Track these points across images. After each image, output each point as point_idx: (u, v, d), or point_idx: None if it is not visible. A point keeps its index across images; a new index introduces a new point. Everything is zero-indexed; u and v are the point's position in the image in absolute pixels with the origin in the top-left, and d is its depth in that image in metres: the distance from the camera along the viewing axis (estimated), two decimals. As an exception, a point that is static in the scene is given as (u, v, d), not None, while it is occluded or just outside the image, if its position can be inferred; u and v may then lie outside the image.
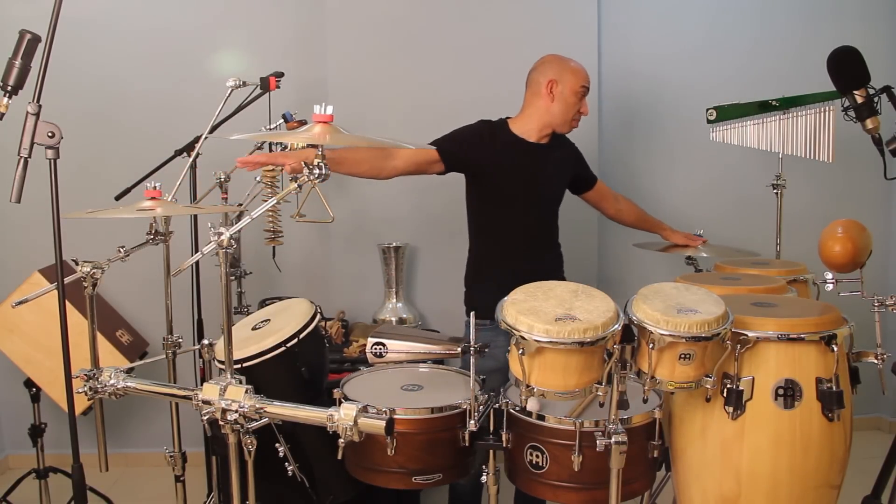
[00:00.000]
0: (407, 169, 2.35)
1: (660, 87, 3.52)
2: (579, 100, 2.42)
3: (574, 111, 2.42)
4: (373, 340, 1.87)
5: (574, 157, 2.63)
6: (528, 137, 2.44)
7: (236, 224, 1.55)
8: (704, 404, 1.67)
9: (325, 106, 1.61)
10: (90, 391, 1.63)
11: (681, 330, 1.50)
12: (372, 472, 1.83)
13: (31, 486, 2.75)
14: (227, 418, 1.51)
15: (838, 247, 2.04)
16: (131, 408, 3.46)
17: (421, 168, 2.37)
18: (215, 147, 2.56)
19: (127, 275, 2.98)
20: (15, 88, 1.57)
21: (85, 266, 1.90)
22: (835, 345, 1.60)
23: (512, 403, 1.80)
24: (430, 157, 2.36)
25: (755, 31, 3.51)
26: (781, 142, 2.69)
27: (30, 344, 2.71)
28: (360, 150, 2.27)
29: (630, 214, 2.83)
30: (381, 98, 3.35)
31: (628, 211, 2.82)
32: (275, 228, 2.92)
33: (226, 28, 3.39)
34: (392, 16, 3.35)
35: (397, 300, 3.30)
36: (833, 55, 2.18)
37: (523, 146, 2.43)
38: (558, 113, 2.41)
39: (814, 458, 1.62)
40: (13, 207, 1.63)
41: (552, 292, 1.66)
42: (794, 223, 2.97)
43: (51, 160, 1.58)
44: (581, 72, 2.43)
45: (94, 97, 3.32)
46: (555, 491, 1.74)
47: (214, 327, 2.45)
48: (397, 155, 2.31)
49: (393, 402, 1.81)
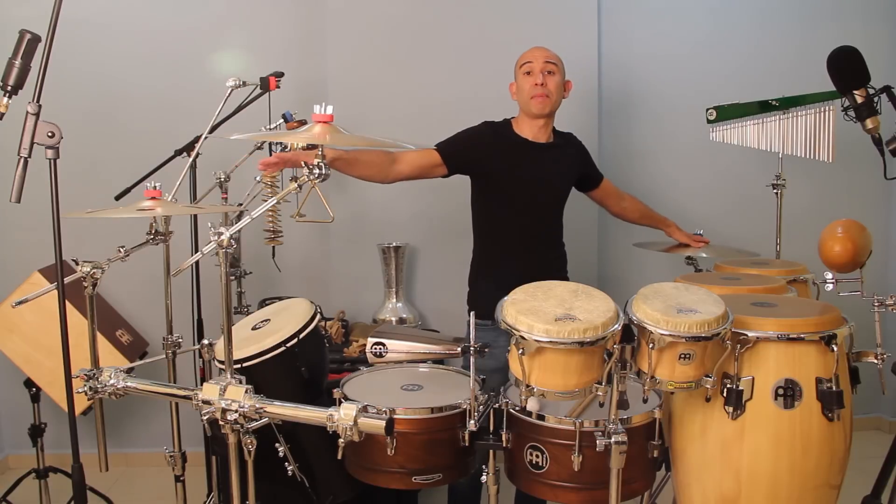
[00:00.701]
0: (411, 173, 2.35)
1: (660, 87, 3.52)
2: (526, 76, 2.41)
3: (526, 88, 2.40)
4: (373, 340, 1.87)
5: (581, 155, 2.63)
6: (530, 137, 2.44)
7: (236, 224, 1.55)
8: (704, 404, 1.67)
9: (325, 106, 1.61)
10: (90, 391, 1.63)
11: (681, 330, 1.50)
12: (372, 472, 1.83)
13: (31, 486, 2.75)
14: (227, 418, 1.51)
15: (838, 247, 2.04)
16: (131, 408, 3.46)
17: (424, 171, 2.38)
18: (215, 147, 2.56)
19: (127, 275, 2.98)
20: (15, 88, 1.57)
21: (85, 266, 1.90)
22: (835, 345, 1.60)
23: (512, 403, 1.80)
24: (433, 161, 2.37)
25: (755, 31, 3.51)
26: (781, 142, 2.70)
27: (30, 344, 2.71)
28: (371, 153, 2.26)
29: (634, 212, 2.82)
30: (381, 98, 3.35)
31: (633, 208, 2.81)
32: (275, 228, 2.92)
33: (226, 28, 3.38)
34: (392, 16, 3.35)
35: (397, 300, 3.30)
36: (833, 55, 2.18)
37: (527, 146, 2.43)
38: (521, 101, 2.44)
39: (814, 458, 1.62)
40: (13, 207, 1.63)
41: (552, 292, 1.66)
42: (794, 223, 2.97)
43: (51, 160, 1.58)
44: (523, 53, 2.45)
45: (93, 97, 3.32)
46: (555, 491, 1.73)
47: (214, 327, 2.45)
48: (402, 159, 2.32)
49: (393, 402, 1.81)
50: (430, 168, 2.38)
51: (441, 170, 2.39)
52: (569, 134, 2.62)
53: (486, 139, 2.40)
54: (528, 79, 2.41)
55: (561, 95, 2.46)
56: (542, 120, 2.44)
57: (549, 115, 2.45)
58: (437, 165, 2.37)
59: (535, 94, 2.39)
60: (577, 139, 2.63)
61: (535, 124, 2.44)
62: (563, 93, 2.48)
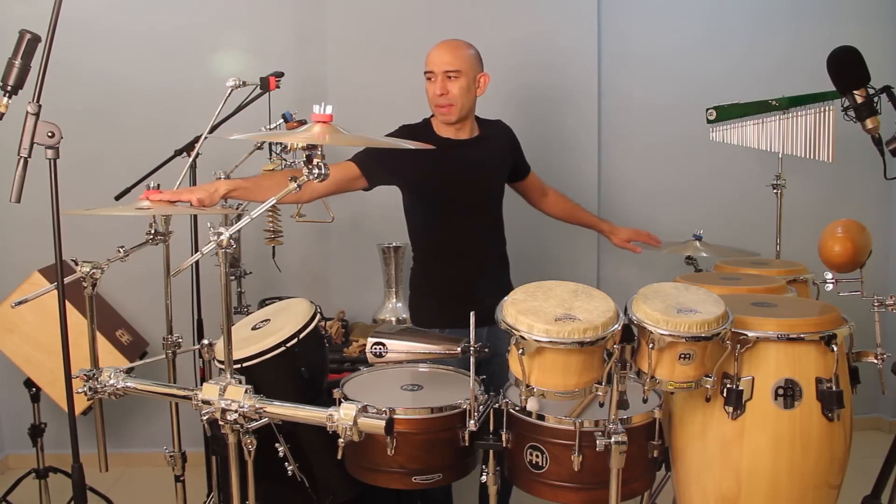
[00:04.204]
0: (327, 189, 2.25)
1: (659, 86, 3.51)
2: (428, 83, 2.31)
3: (428, 96, 2.32)
4: (373, 340, 1.87)
5: (509, 142, 2.51)
6: (448, 135, 2.36)
7: (236, 224, 1.55)
8: (704, 404, 1.67)
9: (324, 106, 1.61)
10: (90, 391, 1.63)
11: (681, 330, 1.50)
12: (372, 472, 1.83)
13: (31, 486, 2.75)
14: (226, 418, 1.51)
15: (838, 247, 2.04)
16: (131, 408, 3.46)
17: (343, 186, 2.28)
18: (215, 147, 2.56)
19: (127, 275, 2.98)
20: (15, 88, 1.57)
21: (85, 266, 1.90)
22: (835, 345, 1.60)
23: (512, 403, 1.80)
24: (351, 174, 2.27)
25: (755, 31, 3.51)
26: (781, 142, 2.69)
27: (30, 344, 2.71)
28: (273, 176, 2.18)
29: (558, 208, 2.71)
30: (381, 98, 3.34)
31: (556, 205, 2.71)
32: (275, 228, 2.92)
33: (226, 28, 3.38)
34: (392, 16, 3.35)
35: (397, 300, 3.29)
36: (833, 55, 2.18)
37: (449, 145, 2.34)
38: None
39: (814, 458, 1.62)
40: (13, 207, 1.63)
41: (552, 292, 1.66)
42: (793, 223, 2.96)
43: (51, 160, 1.58)
44: (428, 53, 2.32)
45: (93, 97, 3.32)
46: (555, 491, 1.73)
47: (214, 327, 2.45)
48: None
49: (393, 402, 1.81)
50: (349, 181, 2.27)
51: (361, 182, 2.29)
52: (496, 121, 2.50)
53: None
54: (429, 86, 2.31)
55: (471, 96, 2.32)
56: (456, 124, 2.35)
57: (459, 122, 2.34)
58: (356, 178, 2.28)
59: (438, 104, 2.30)
60: (506, 125, 2.51)
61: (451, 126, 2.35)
62: (477, 90, 2.34)
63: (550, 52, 3.36)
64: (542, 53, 3.37)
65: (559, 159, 2.73)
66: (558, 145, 3.40)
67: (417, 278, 2.49)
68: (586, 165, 3.42)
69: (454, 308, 2.08)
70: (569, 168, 2.78)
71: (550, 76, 3.38)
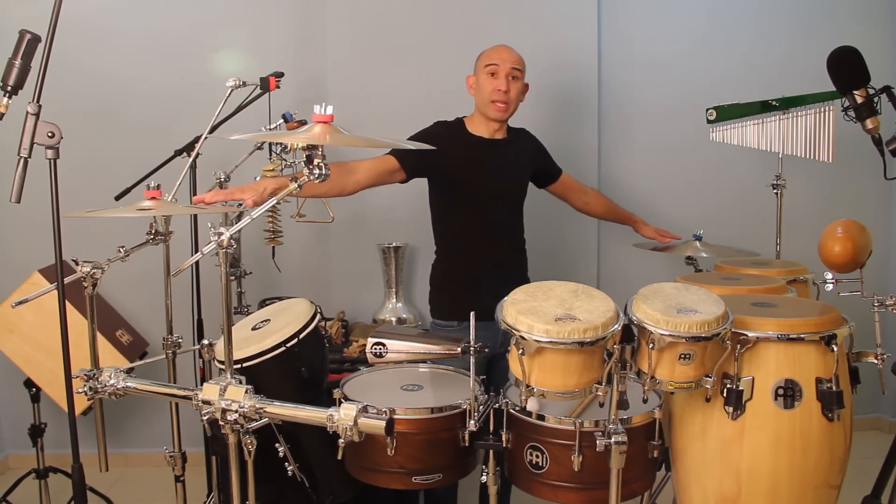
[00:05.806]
0: (369, 181, 2.33)
1: (659, 86, 3.51)
2: (490, 77, 2.38)
3: (487, 90, 2.38)
4: (373, 340, 1.87)
5: (534, 149, 2.62)
6: (485, 135, 2.44)
7: (236, 224, 1.55)
8: (704, 404, 1.67)
9: (324, 106, 1.61)
10: (90, 391, 1.63)
11: (681, 330, 1.50)
12: (372, 472, 1.83)
13: (31, 486, 2.75)
14: (227, 418, 1.51)
15: (838, 247, 2.04)
16: (131, 408, 3.46)
17: (382, 178, 2.36)
18: (215, 147, 2.56)
19: (127, 275, 2.98)
20: (15, 88, 1.57)
21: (85, 266, 1.90)
22: (835, 345, 1.60)
23: (512, 403, 1.80)
24: (391, 167, 2.35)
25: (755, 31, 3.51)
26: (781, 142, 2.69)
27: (30, 344, 2.71)
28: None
29: (599, 206, 2.82)
30: (381, 98, 3.35)
31: (597, 203, 2.82)
32: (275, 228, 2.92)
33: (226, 28, 3.38)
34: (392, 16, 3.35)
35: (397, 300, 3.30)
36: (833, 55, 2.18)
37: (482, 144, 2.43)
38: (478, 99, 2.42)
39: (814, 458, 1.62)
40: (13, 207, 1.63)
41: (552, 292, 1.66)
42: (793, 223, 2.97)
43: (51, 160, 1.58)
44: (489, 51, 2.41)
45: (93, 97, 3.32)
46: (555, 491, 1.73)
47: (214, 327, 2.45)
48: (358, 169, 2.31)
49: (393, 402, 1.81)
50: (388, 174, 2.36)
51: (399, 175, 2.38)
52: (522, 130, 2.61)
53: (440, 139, 2.36)
54: (491, 81, 2.38)
55: (519, 100, 2.46)
56: (498, 123, 2.44)
57: (504, 121, 2.45)
58: (395, 171, 2.36)
59: (496, 100, 2.37)
60: (531, 134, 2.62)
61: (490, 125, 2.44)
62: (521, 97, 2.47)
63: (551, 53, 3.35)
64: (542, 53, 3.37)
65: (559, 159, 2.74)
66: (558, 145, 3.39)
67: (438, 271, 2.55)
68: (586, 165, 3.42)
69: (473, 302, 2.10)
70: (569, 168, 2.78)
71: (551, 76, 3.37)
